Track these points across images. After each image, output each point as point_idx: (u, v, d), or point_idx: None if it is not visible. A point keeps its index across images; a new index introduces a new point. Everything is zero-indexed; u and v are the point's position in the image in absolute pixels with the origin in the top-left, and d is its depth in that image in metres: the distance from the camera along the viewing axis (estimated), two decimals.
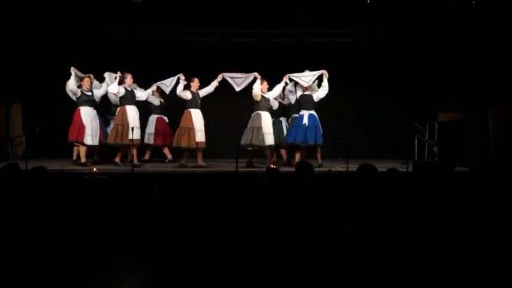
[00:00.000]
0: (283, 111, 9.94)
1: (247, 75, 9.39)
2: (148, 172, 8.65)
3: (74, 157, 9.58)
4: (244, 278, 2.51)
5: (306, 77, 9.30)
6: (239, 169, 8.00)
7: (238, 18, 10.60)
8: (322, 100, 9.58)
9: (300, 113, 9.36)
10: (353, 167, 6.93)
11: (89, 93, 9.31)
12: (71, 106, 9.47)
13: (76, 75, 9.21)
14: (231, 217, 3.16)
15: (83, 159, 9.25)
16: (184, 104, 9.33)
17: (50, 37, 10.86)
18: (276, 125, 9.64)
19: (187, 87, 9.32)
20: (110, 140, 9.20)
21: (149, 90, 9.59)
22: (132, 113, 9.17)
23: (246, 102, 9.71)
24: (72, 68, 9.20)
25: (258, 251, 2.71)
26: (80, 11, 10.19)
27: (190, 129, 9.15)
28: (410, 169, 7.57)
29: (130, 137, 8.88)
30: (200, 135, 9.23)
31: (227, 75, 9.42)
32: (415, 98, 11.48)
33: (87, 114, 9.26)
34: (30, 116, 11.31)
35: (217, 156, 10.57)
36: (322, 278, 2.49)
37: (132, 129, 8.81)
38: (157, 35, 10.96)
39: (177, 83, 9.26)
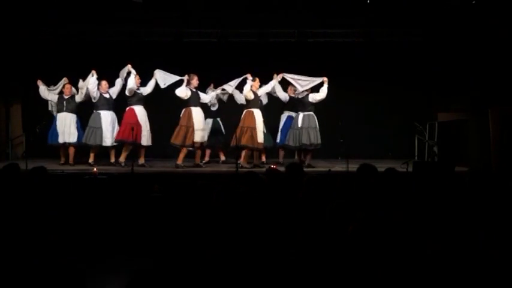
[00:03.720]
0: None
1: (314, 78, 9.45)
2: (148, 172, 8.65)
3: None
4: (244, 278, 2.51)
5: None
6: (239, 169, 8.01)
7: (238, 18, 10.59)
8: (322, 100, 9.62)
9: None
10: (353, 167, 6.94)
11: (140, 92, 9.23)
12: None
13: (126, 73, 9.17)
14: (231, 217, 3.16)
15: (122, 159, 9.16)
16: (244, 104, 9.39)
17: (50, 37, 10.85)
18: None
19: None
20: (174, 140, 9.13)
21: (213, 94, 9.53)
22: (197, 115, 9.12)
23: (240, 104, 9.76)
24: (129, 65, 9.15)
25: (257, 251, 2.71)
26: (80, 11, 10.18)
27: (253, 129, 9.15)
28: (410, 169, 7.58)
29: (196, 138, 8.90)
30: (261, 136, 9.28)
31: (288, 76, 9.47)
32: (415, 98, 11.47)
33: (142, 114, 9.18)
34: (30, 116, 11.31)
35: (216, 156, 10.54)
36: (322, 278, 2.49)
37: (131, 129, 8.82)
38: (157, 35, 10.95)
39: (244, 83, 9.25)
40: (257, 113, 9.27)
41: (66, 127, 9.42)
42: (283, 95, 9.82)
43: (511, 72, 9.62)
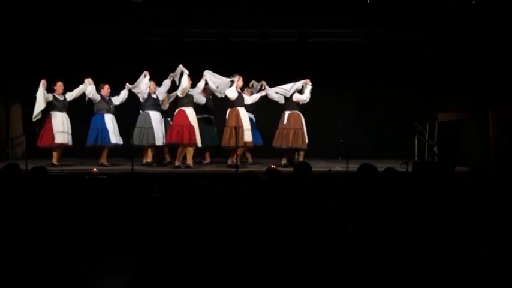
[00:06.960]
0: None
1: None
2: (148, 172, 8.64)
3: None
4: (244, 278, 2.51)
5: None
6: (239, 169, 8.01)
7: (238, 18, 10.60)
8: (322, 100, 9.67)
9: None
10: (353, 167, 6.94)
11: (191, 93, 9.21)
12: (71, 106, 9.47)
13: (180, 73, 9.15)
14: (231, 217, 3.16)
15: (188, 161, 9.09)
16: (291, 106, 9.46)
17: (50, 37, 10.86)
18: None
19: None
20: (224, 142, 9.12)
21: (256, 96, 9.55)
22: (244, 115, 9.15)
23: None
24: (181, 65, 9.16)
25: (258, 251, 2.71)
26: (80, 11, 10.19)
27: (303, 131, 9.35)
28: (410, 169, 7.58)
29: (246, 139, 8.94)
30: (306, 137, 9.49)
31: (309, 84, 9.55)
32: (415, 98, 11.48)
33: (192, 115, 9.14)
34: (30, 116, 11.28)
35: (216, 156, 10.54)
36: (322, 278, 2.49)
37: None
38: (157, 35, 10.96)
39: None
40: (301, 116, 9.47)
41: (115, 128, 9.39)
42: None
43: (511, 72, 9.62)
